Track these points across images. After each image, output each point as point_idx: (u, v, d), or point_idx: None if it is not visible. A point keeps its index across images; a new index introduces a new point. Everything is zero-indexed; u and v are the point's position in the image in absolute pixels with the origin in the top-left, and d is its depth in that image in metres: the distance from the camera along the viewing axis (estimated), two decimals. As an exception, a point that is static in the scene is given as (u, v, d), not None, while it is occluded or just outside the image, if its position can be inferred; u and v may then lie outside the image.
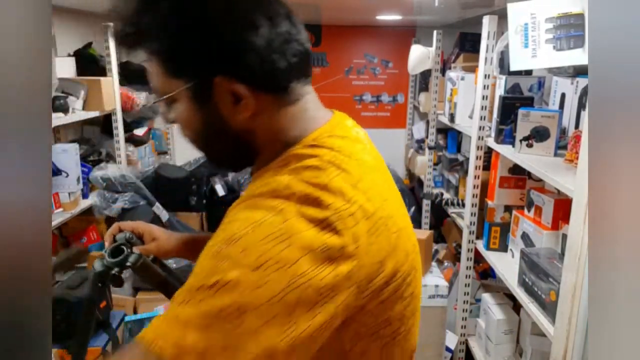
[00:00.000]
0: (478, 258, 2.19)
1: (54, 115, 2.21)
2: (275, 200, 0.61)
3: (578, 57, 1.40)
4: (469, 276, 2.17)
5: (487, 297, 2.03)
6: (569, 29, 1.40)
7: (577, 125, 1.71)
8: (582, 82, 1.70)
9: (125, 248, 0.91)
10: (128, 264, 0.90)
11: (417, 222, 3.39)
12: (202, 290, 0.56)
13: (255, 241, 0.57)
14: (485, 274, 2.35)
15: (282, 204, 0.60)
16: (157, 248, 1.00)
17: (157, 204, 2.71)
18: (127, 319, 2.21)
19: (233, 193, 3.35)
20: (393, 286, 0.67)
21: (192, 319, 0.54)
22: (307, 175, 0.63)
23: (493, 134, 1.93)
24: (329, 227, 0.59)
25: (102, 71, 2.76)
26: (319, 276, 0.57)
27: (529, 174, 1.87)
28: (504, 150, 1.79)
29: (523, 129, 1.67)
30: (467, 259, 2.13)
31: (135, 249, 0.93)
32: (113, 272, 0.90)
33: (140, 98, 3.11)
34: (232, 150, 0.73)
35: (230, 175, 3.41)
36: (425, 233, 2.14)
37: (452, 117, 2.55)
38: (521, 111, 1.68)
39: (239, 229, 0.59)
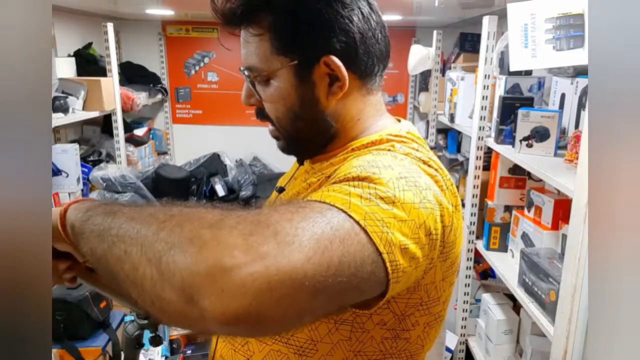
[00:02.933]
0: (478, 258, 2.19)
1: (54, 115, 2.21)
2: (393, 153, 0.66)
3: (578, 57, 1.40)
4: (469, 276, 2.17)
5: (487, 297, 2.03)
6: (569, 29, 1.40)
7: (577, 125, 1.71)
8: (582, 82, 1.70)
9: None
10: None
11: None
12: (355, 180, 0.57)
13: (394, 164, 0.61)
14: (485, 274, 2.34)
15: (401, 156, 0.65)
16: None
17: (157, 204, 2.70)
18: (127, 319, 2.21)
19: (233, 193, 3.35)
20: (454, 268, 0.70)
21: (353, 193, 0.54)
22: (411, 148, 0.68)
23: (493, 134, 1.93)
24: (438, 182, 0.64)
25: (102, 71, 2.76)
26: (437, 212, 0.60)
27: (529, 174, 1.87)
28: (504, 150, 1.79)
29: (523, 129, 1.67)
30: (467, 259, 2.13)
31: None
32: (151, 333, 0.86)
33: (140, 98, 3.11)
34: (316, 132, 0.74)
35: (230, 176, 3.41)
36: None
37: (452, 117, 2.55)
38: (521, 111, 1.68)
39: (374, 159, 0.63)
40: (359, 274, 0.49)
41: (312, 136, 0.74)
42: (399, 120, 0.79)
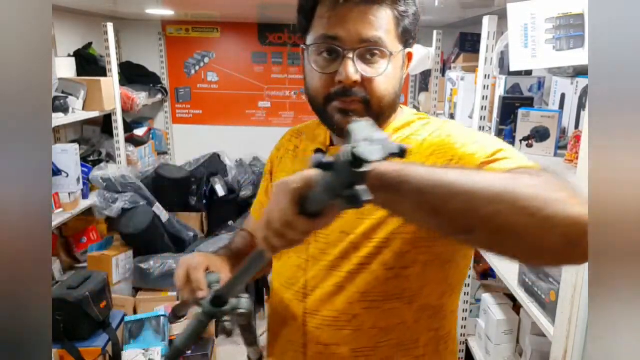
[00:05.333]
0: (478, 258, 2.19)
1: (54, 115, 2.21)
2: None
3: (578, 57, 1.40)
4: (469, 276, 2.17)
5: (487, 297, 2.03)
6: (569, 29, 1.40)
7: (577, 125, 1.70)
8: (582, 82, 1.70)
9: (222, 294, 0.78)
10: (241, 311, 0.79)
11: (417, 222, 3.38)
12: (499, 153, 0.74)
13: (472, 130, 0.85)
14: (485, 274, 2.34)
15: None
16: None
17: (157, 204, 2.71)
18: (127, 319, 2.22)
19: (233, 193, 3.35)
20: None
21: (519, 157, 0.75)
22: None
23: (493, 134, 1.93)
24: None
25: (102, 71, 2.76)
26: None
27: (529, 174, 1.87)
28: (504, 150, 1.78)
29: (523, 129, 1.67)
30: (467, 259, 2.13)
31: (243, 296, 0.81)
32: (223, 322, 0.80)
33: (140, 98, 3.12)
34: (394, 110, 0.86)
35: (230, 176, 3.41)
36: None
37: (452, 117, 2.55)
38: (521, 111, 1.68)
39: (459, 128, 0.84)
40: None
41: (391, 113, 0.86)
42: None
